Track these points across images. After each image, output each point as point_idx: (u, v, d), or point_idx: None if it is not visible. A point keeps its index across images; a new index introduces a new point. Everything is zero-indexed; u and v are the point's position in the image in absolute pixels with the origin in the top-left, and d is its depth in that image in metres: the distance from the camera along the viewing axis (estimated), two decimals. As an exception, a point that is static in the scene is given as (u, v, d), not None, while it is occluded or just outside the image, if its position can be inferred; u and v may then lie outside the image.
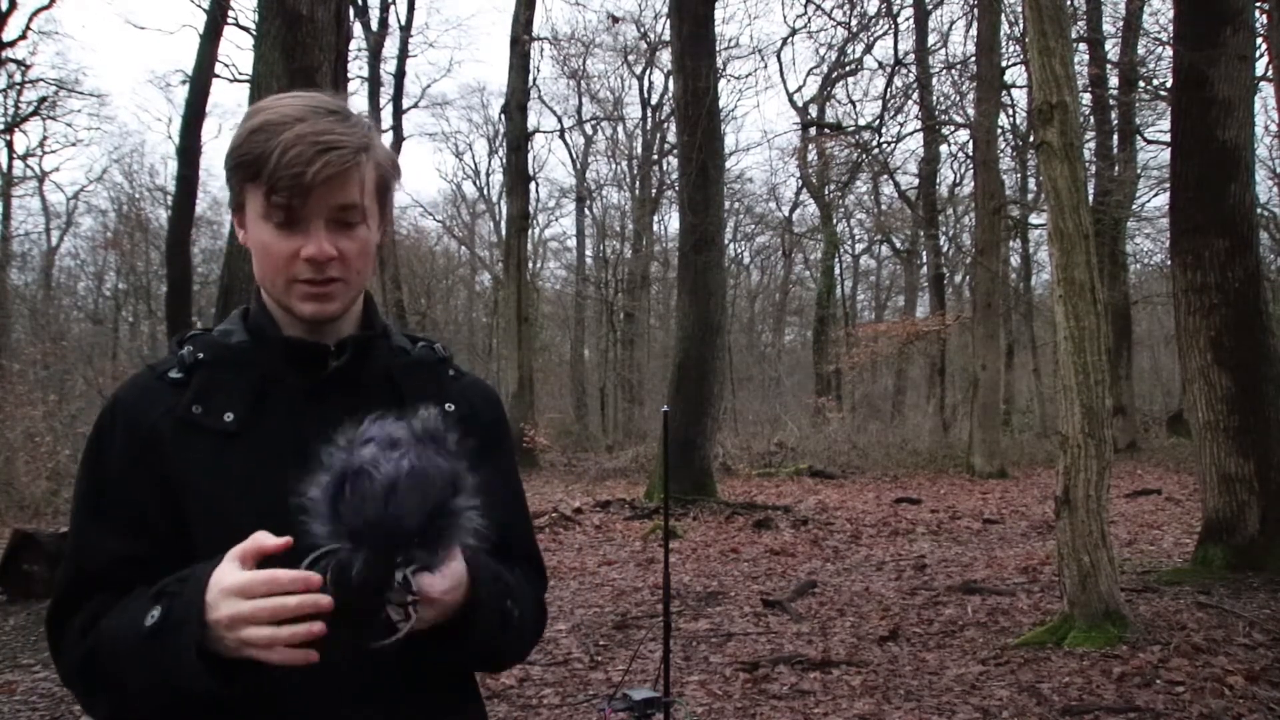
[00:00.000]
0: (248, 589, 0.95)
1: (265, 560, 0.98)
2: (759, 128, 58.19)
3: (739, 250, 33.47)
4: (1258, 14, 8.18)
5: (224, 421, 1.12)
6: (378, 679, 1.12)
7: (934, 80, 18.48)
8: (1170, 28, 10.69)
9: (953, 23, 28.15)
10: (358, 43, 21.87)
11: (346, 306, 1.17)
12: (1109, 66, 18.88)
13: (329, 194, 1.09)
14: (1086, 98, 17.11)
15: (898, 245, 29.50)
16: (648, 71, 28.43)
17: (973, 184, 19.14)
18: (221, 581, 0.97)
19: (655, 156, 29.41)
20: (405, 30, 24.46)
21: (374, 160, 1.14)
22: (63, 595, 1.12)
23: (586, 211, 32.78)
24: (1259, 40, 9.29)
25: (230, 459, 1.11)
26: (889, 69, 17.83)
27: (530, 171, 22.44)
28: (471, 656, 1.17)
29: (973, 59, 16.92)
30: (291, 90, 1.19)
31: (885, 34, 18.84)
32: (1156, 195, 21.14)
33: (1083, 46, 17.21)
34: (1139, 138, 19.93)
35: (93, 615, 1.08)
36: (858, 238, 31.44)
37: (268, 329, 1.18)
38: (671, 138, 25.82)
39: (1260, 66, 10.70)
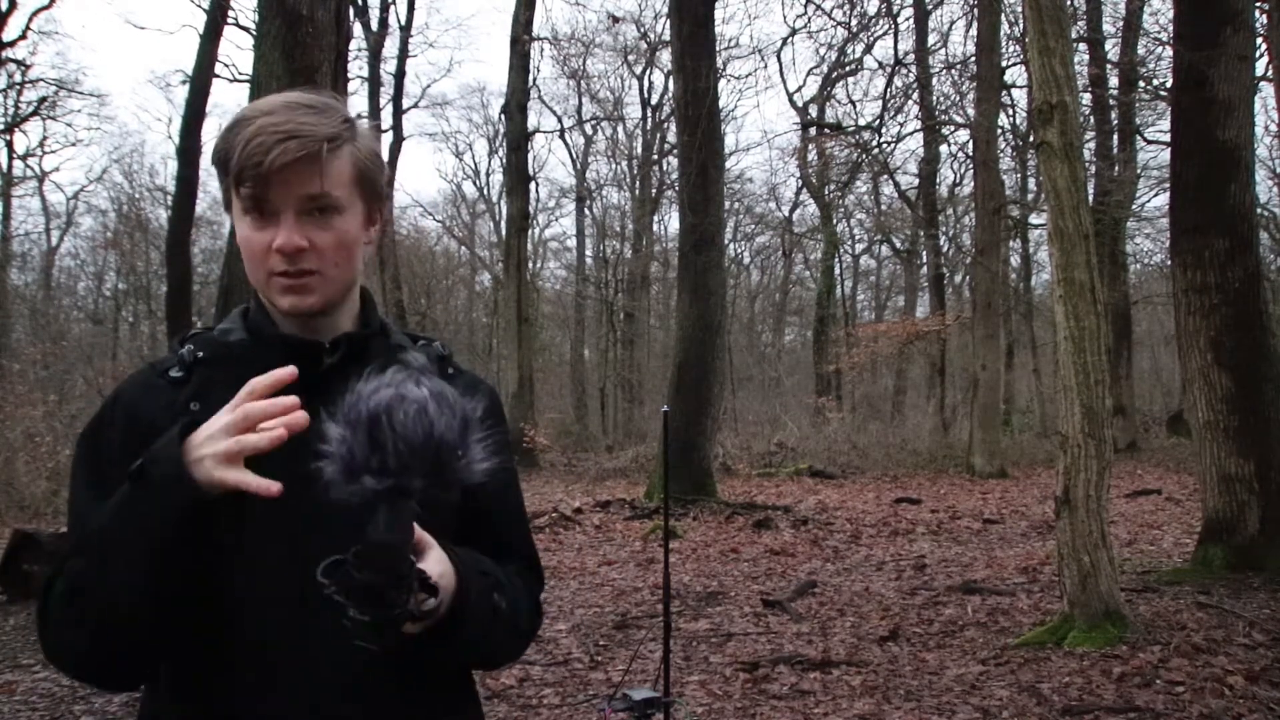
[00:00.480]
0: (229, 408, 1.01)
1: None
2: (759, 128, 58.27)
3: (739, 250, 33.51)
4: (1258, 14, 8.19)
5: None
6: (370, 678, 1.12)
7: (934, 80, 18.49)
8: (1170, 28, 10.70)
9: (953, 23, 28.21)
10: (358, 43, 21.88)
11: (328, 300, 1.17)
12: (1109, 66, 18.88)
13: (295, 183, 1.10)
14: (1086, 98, 17.12)
15: (898, 245, 29.51)
16: (648, 71, 28.47)
17: (973, 184, 19.15)
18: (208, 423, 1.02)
19: (655, 156, 29.41)
20: (405, 30, 24.48)
21: (350, 151, 1.14)
22: (57, 568, 1.11)
23: (586, 211, 32.81)
24: (1259, 40, 9.29)
25: None
26: (889, 69, 17.84)
27: (530, 171, 22.45)
28: (462, 651, 1.16)
29: (973, 59, 16.92)
30: (290, 90, 1.20)
31: (885, 34, 18.86)
32: (1156, 195, 21.17)
33: (1083, 46, 17.21)
34: (1139, 138, 19.93)
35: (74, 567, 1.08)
36: (858, 238, 31.48)
37: (265, 327, 1.19)
38: (671, 138, 25.84)
39: (1260, 66, 10.70)
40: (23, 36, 21.39)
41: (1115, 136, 19.77)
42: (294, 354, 1.16)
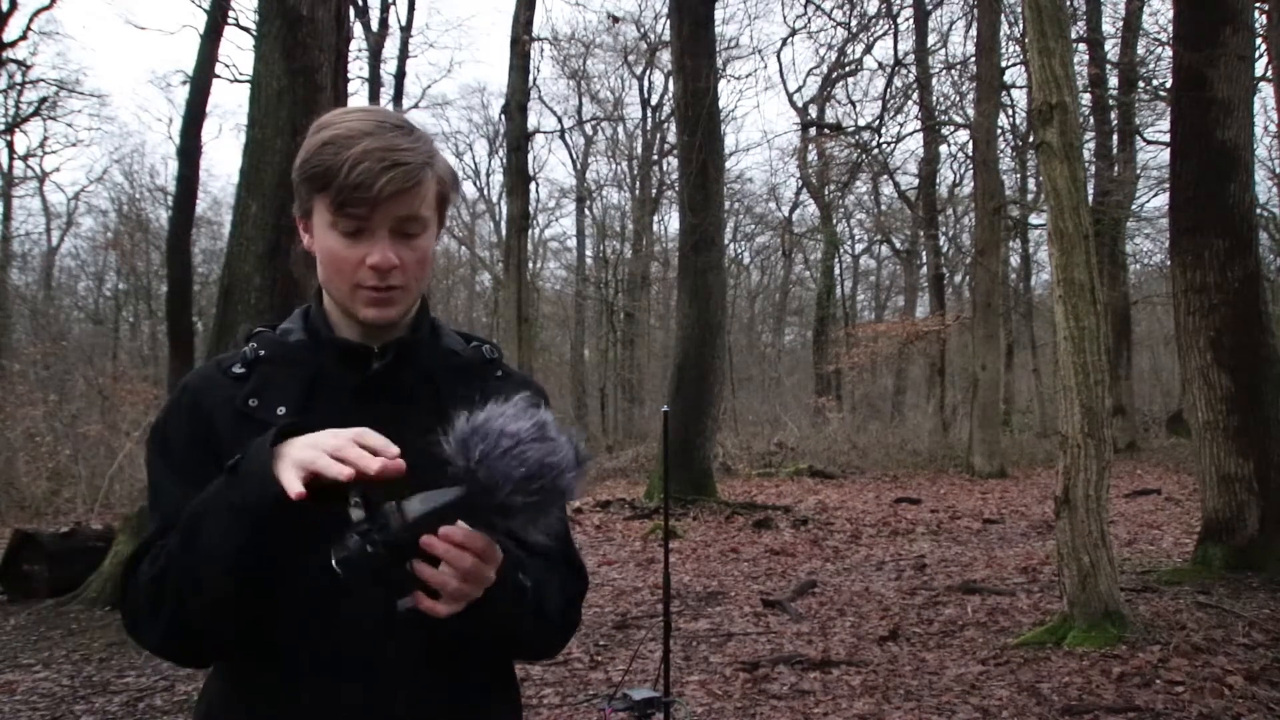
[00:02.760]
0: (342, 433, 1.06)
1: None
2: (759, 128, 58.10)
3: (739, 250, 33.47)
4: (1257, 14, 8.18)
5: (276, 415, 1.19)
6: (406, 665, 1.16)
7: (934, 80, 18.52)
8: (1170, 28, 10.69)
9: (953, 23, 28.10)
10: (358, 43, 21.85)
11: (405, 312, 1.25)
12: (1109, 66, 18.87)
13: (395, 206, 1.16)
14: (1086, 98, 17.11)
15: (898, 245, 29.50)
16: (648, 71, 28.46)
17: (973, 184, 19.15)
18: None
19: (655, 156, 29.42)
20: (405, 30, 24.43)
21: (436, 174, 1.21)
22: (145, 543, 1.18)
23: (586, 211, 32.81)
24: (1259, 40, 9.29)
25: None
26: (889, 69, 17.88)
27: (530, 172, 22.40)
28: (487, 626, 1.16)
29: (973, 59, 16.94)
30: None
31: (885, 34, 18.93)
32: (1156, 195, 21.16)
33: (1082, 46, 17.21)
34: (1139, 138, 19.92)
35: (163, 547, 1.15)
36: (858, 238, 31.48)
37: (322, 330, 1.26)
38: (671, 138, 25.84)
39: (1260, 66, 10.69)
40: (23, 37, 21.37)
41: (1115, 136, 19.77)
42: (345, 357, 1.25)
